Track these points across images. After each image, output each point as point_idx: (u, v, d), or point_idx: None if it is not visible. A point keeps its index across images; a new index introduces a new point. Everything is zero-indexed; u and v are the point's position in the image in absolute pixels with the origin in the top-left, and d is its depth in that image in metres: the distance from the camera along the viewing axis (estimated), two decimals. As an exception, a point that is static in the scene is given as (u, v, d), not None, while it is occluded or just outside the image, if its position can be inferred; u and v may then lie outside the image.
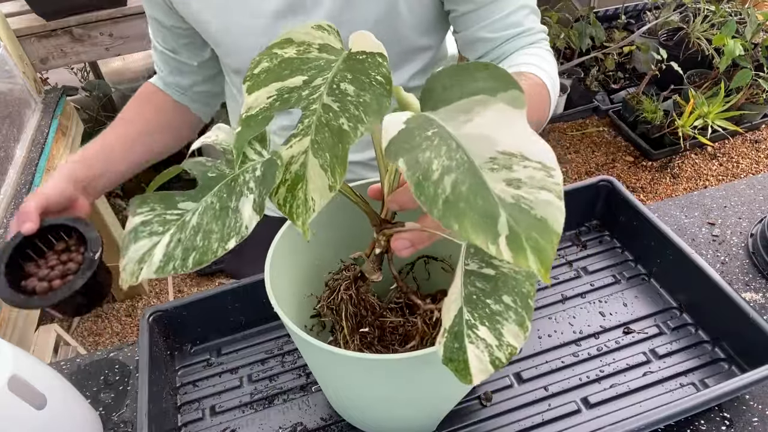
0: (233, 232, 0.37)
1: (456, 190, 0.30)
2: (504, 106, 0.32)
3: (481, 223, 0.29)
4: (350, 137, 0.35)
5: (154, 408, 0.58)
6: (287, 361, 0.67)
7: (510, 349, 0.38)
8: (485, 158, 0.30)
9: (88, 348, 1.76)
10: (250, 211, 0.38)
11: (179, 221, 0.39)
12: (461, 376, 0.38)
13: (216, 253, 0.37)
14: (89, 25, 1.46)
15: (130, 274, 0.38)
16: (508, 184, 0.30)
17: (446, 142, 0.32)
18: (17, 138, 1.25)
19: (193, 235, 0.38)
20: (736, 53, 1.77)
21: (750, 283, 0.70)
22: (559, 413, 0.59)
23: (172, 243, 0.38)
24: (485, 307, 0.39)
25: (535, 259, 0.28)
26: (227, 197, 0.39)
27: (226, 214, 0.38)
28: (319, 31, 0.42)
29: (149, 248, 0.38)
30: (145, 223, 0.39)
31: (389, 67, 0.38)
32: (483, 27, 0.71)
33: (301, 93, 0.38)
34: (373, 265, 0.49)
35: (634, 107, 2.18)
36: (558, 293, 0.70)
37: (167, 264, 0.37)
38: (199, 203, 0.40)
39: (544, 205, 0.29)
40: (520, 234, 0.28)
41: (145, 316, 0.66)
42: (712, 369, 0.61)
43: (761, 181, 0.85)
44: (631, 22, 2.50)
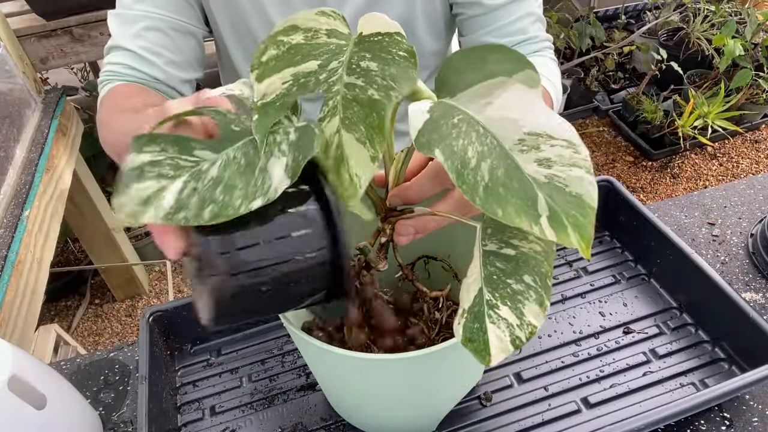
0: (260, 192, 0.34)
1: (493, 175, 0.30)
2: (521, 86, 0.32)
3: (523, 206, 0.29)
4: (384, 104, 0.34)
5: (154, 408, 0.58)
6: (287, 361, 0.67)
7: (530, 328, 0.38)
8: (514, 140, 0.31)
9: (88, 348, 1.77)
10: (281, 173, 0.35)
11: (195, 169, 0.35)
12: (480, 357, 0.37)
13: (238, 210, 0.33)
14: (89, 25, 1.46)
15: (129, 214, 0.33)
16: (539, 164, 0.30)
17: (474, 128, 0.32)
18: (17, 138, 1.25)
19: (212, 186, 0.34)
20: (736, 53, 1.77)
21: (750, 283, 0.70)
22: (559, 413, 0.59)
23: (186, 190, 0.34)
24: (506, 287, 0.39)
25: (577, 236, 0.28)
26: (254, 154, 0.36)
27: (251, 172, 0.35)
28: (324, 17, 0.41)
29: (156, 190, 0.34)
30: (154, 164, 0.35)
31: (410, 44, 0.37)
32: (488, 32, 0.71)
33: (319, 77, 0.37)
34: (378, 254, 0.49)
35: (634, 107, 2.18)
36: (558, 293, 0.70)
37: (178, 211, 0.33)
38: (219, 155, 0.36)
39: (577, 182, 0.29)
40: (560, 212, 0.29)
41: (145, 316, 0.66)
42: (712, 369, 0.61)
43: (761, 181, 0.85)
44: (631, 22, 2.50)
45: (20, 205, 1.10)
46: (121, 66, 0.72)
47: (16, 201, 1.11)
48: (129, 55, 0.72)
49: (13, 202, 1.12)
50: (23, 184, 1.15)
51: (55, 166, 1.28)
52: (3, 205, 1.10)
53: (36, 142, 1.27)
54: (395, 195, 0.45)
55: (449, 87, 0.36)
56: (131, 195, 0.34)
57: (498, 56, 0.34)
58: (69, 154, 1.38)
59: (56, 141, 1.32)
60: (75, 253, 1.96)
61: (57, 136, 1.34)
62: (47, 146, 1.27)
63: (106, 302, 1.93)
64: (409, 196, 0.44)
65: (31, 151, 1.24)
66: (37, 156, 1.23)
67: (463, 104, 0.34)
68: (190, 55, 0.76)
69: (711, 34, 2.02)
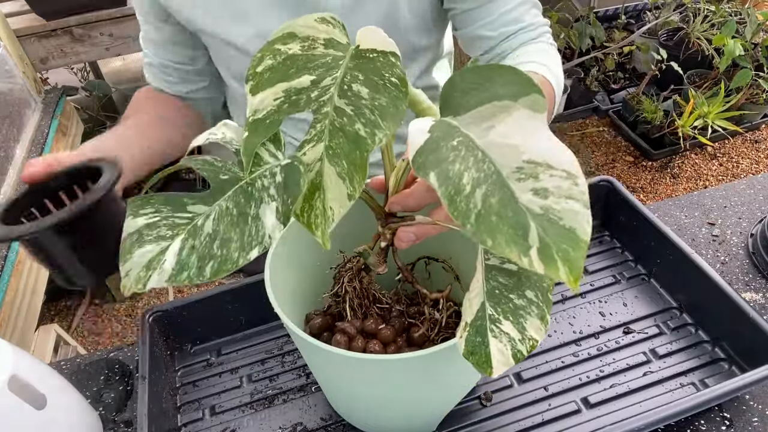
0: (254, 242, 0.35)
1: (486, 203, 0.30)
2: (526, 112, 0.32)
3: (513, 236, 0.29)
4: (368, 144, 0.34)
5: (154, 408, 0.58)
6: (287, 361, 0.67)
7: (532, 342, 0.38)
8: (512, 168, 0.30)
9: (88, 348, 1.76)
10: (273, 220, 0.35)
11: (190, 226, 0.36)
12: (482, 369, 0.38)
13: (237, 263, 0.34)
14: (89, 25, 1.46)
15: (135, 280, 0.35)
16: (535, 193, 0.30)
17: (473, 153, 0.31)
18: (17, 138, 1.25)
19: (209, 242, 0.35)
20: (736, 53, 1.77)
21: (750, 283, 0.70)
22: (559, 413, 0.59)
23: (185, 250, 0.35)
24: (509, 302, 0.39)
25: (566, 270, 0.28)
26: (245, 203, 0.36)
27: (245, 222, 0.35)
28: (323, 24, 0.40)
29: (157, 254, 0.35)
30: (151, 226, 0.36)
31: (403, 68, 0.37)
32: (483, 25, 0.71)
33: (310, 95, 0.37)
34: (378, 258, 0.49)
35: (634, 107, 2.18)
36: (558, 293, 0.70)
37: (180, 272, 0.35)
38: (212, 207, 0.36)
39: (571, 215, 0.29)
40: (551, 245, 0.28)
41: (145, 316, 0.66)
42: (712, 369, 0.61)
43: (761, 181, 0.85)
44: (631, 22, 2.50)
45: (20, 205, 1.10)
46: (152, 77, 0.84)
47: (16, 201, 1.11)
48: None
49: (13, 202, 1.11)
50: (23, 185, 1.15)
51: (55, 166, 1.28)
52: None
53: (36, 142, 1.27)
54: (395, 202, 0.45)
55: (453, 106, 0.35)
56: (135, 261, 0.35)
57: (505, 78, 0.33)
58: (69, 154, 1.38)
59: (56, 141, 1.32)
60: (75, 253, 1.95)
61: (57, 136, 1.34)
62: (47, 146, 1.27)
63: (106, 302, 1.93)
64: (409, 204, 0.44)
65: (31, 151, 1.24)
66: (37, 156, 1.23)
67: (465, 126, 0.33)
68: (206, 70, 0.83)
69: (711, 34, 2.02)
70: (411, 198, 0.44)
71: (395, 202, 0.45)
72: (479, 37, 0.72)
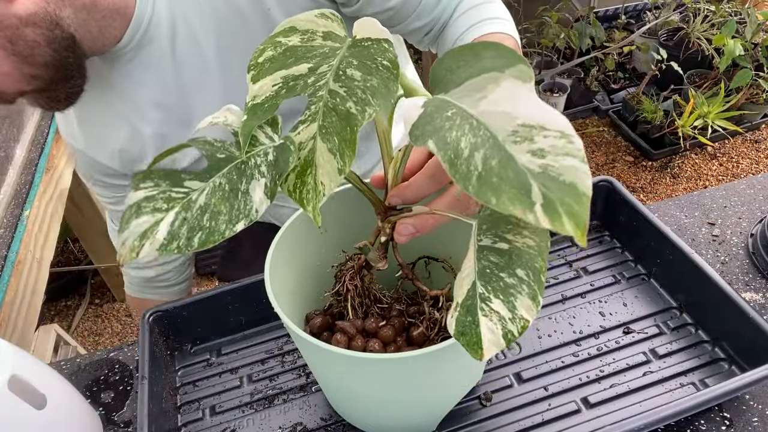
0: (242, 215, 0.37)
1: (487, 165, 0.30)
2: (514, 80, 0.33)
3: (516, 194, 0.29)
4: (357, 119, 0.35)
5: (154, 408, 0.58)
6: (287, 361, 0.67)
7: (523, 322, 0.38)
8: (507, 132, 0.31)
9: (88, 348, 1.77)
10: (261, 195, 0.37)
11: (185, 200, 0.38)
12: (473, 351, 0.38)
13: (223, 234, 0.36)
14: (89, 25, 1.45)
15: (129, 249, 0.37)
16: (533, 154, 0.30)
17: (467, 121, 0.32)
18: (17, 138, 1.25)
19: (200, 214, 0.37)
20: (736, 53, 1.77)
21: (750, 283, 0.70)
22: (559, 413, 0.59)
23: (177, 221, 0.37)
24: (499, 281, 0.39)
25: (571, 223, 0.28)
26: (237, 179, 0.38)
27: (235, 197, 0.38)
28: (322, 19, 0.42)
29: (152, 224, 0.37)
30: (149, 199, 0.38)
31: (395, 52, 0.38)
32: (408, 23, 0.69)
33: (307, 80, 0.38)
34: (378, 253, 0.49)
35: (634, 107, 2.18)
36: (558, 293, 0.70)
37: (171, 242, 0.37)
38: (206, 183, 0.39)
39: (570, 171, 0.29)
40: (554, 200, 0.29)
41: (145, 316, 0.66)
42: (712, 369, 0.61)
43: (761, 181, 0.85)
44: (631, 22, 2.50)
45: (20, 205, 1.10)
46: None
47: (16, 201, 1.11)
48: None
49: (13, 202, 1.11)
50: (23, 184, 1.15)
51: (55, 166, 1.28)
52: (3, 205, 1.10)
53: (36, 142, 1.27)
54: (394, 195, 0.45)
55: (443, 84, 0.36)
56: (131, 230, 0.37)
57: (491, 53, 0.35)
58: (69, 154, 1.38)
59: (56, 141, 1.32)
60: (75, 253, 1.96)
61: (57, 136, 1.34)
62: (47, 146, 1.27)
63: (106, 302, 1.93)
64: (408, 195, 0.44)
65: (31, 151, 1.24)
66: (37, 156, 1.23)
67: (456, 99, 0.34)
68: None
69: (711, 34, 2.02)
70: (409, 189, 0.44)
71: (394, 194, 0.45)
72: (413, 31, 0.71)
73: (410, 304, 0.56)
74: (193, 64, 0.66)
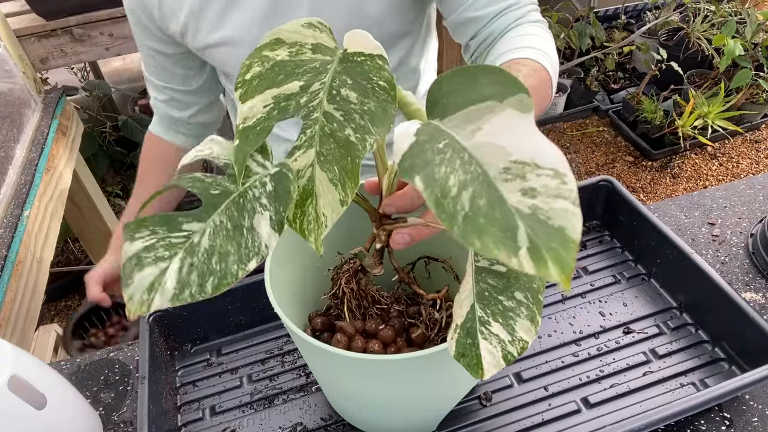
0: (252, 253, 0.35)
1: (474, 205, 0.29)
2: (512, 112, 0.32)
3: (502, 237, 0.29)
4: (358, 149, 0.34)
5: (154, 408, 0.58)
6: (287, 361, 0.67)
7: (522, 344, 0.38)
8: (499, 168, 0.30)
9: (88, 348, 1.76)
10: (268, 229, 0.36)
11: (186, 244, 0.36)
12: (473, 371, 0.38)
13: (236, 276, 0.35)
14: (89, 25, 1.46)
15: (138, 304, 0.35)
16: (523, 194, 0.29)
17: (459, 155, 0.31)
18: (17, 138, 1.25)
19: (207, 258, 0.35)
20: (736, 53, 1.77)
21: (750, 283, 0.70)
22: (559, 413, 0.59)
23: (185, 268, 0.35)
24: (498, 304, 0.39)
25: (557, 269, 0.28)
26: (238, 215, 0.36)
27: (240, 234, 0.36)
28: (310, 30, 0.40)
29: (157, 275, 0.35)
30: (148, 248, 0.36)
31: (391, 71, 0.37)
32: (469, 6, 0.70)
33: (299, 100, 0.37)
34: (373, 259, 0.49)
35: (634, 107, 2.18)
36: (558, 293, 0.70)
37: (182, 291, 0.35)
38: (206, 223, 0.36)
39: (560, 214, 0.28)
40: (540, 245, 0.28)
41: (145, 316, 0.66)
42: (712, 369, 0.61)
43: (761, 181, 0.85)
44: (631, 22, 2.50)
45: (20, 205, 1.10)
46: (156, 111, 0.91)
47: (16, 201, 1.11)
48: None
49: (13, 202, 1.11)
50: (23, 184, 1.15)
51: (55, 166, 1.28)
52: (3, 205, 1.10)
53: (36, 142, 1.27)
54: (388, 204, 0.45)
55: (440, 108, 0.35)
56: (136, 284, 0.35)
57: (490, 78, 0.33)
58: (69, 154, 1.38)
59: (56, 141, 1.32)
60: (75, 253, 1.96)
61: (57, 136, 1.34)
62: (47, 146, 1.27)
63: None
64: (402, 205, 0.44)
65: (31, 151, 1.24)
66: (37, 156, 1.23)
67: (451, 128, 0.33)
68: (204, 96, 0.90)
69: (711, 34, 2.02)
70: (403, 199, 0.44)
71: (388, 203, 0.45)
72: (468, 20, 0.71)
73: (409, 305, 0.56)
74: None
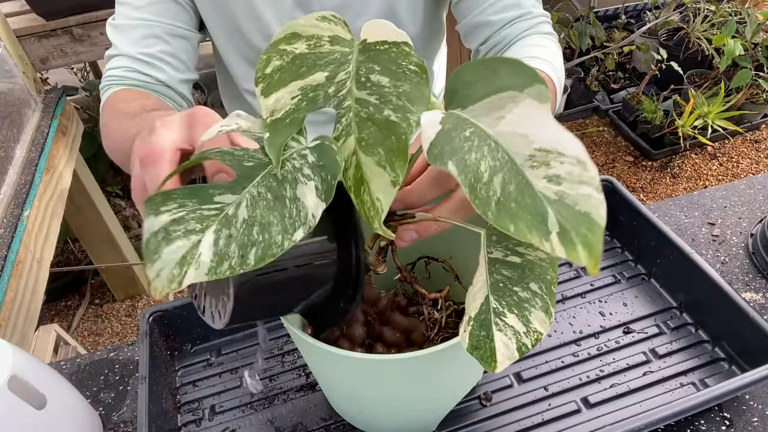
0: (298, 223, 0.34)
1: (505, 190, 0.30)
2: (532, 102, 0.32)
3: (534, 221, 0.29)
4: (402, 128, 0.34)
5: (154, 408, 0.58)
6: (287, 361, 0.67)
7: (536, 335, 0.38)
8: (524, 156, 0.31)
9: (88, 348, 1.77)
10: (314, 198, 0.35)
11: (221, 216, 0.34)
12: (486, 364, 0.38)
13: (282, 246, 0.33)
14: (89, 25, 1.46)
15: (168, 280, 0.32)
16: (548, 180, 0.30)
17: (486, 142, 0.32)
18: (17, 138, 1.25)
19: (247, 229, 0.33)
20: (736, 53, 1.77)
21: (750, 283, 0.70)
22: (559, 413, 0.59)
23: (222, 239, 0.33)
24: (513, 295, 0.39)
25: (585, 253, 0.28)
26: (278, 186, 0.35)
27: (283, 204, 0.34)
28: (325, 23, 0.41)
29: (190, 248, 0.33)
30: (177, 221, 0.33)
31: (419, 57, 0.37)
32: (482, 11, 0.71)
33: (327, 90, 0.37)
34: (377, 257, 0.49)
35: (634, 107, 2.18)
36: (558, 293, 0.70)
37: (221, 263, 0.32)
38: (241, 195, 0.34)
39: (586, 200, 0.29)
40: (570, 230, 0.29)
41: (145, 316, 0.66)
42: (712, 369, 0.61)
43: (761, 181, 0.85)
44: (631, 22, 2.50)
45: (20, 205, 1.10)
46: (123, 69, 0.73)
47: (16, 201, 1.11)
48: (129, 59, 0.73)
49: (13, 202, 1.12)
50: (23, 184, 1.15)
51: (55, 166, 1.28)
52: (3, 205, 1.10)
53: (36, 142, 1.27)
54: (397, 200, 0.45)
55: (459, 98, 0.35)
56: (165, 259, 0.32)
57: (508, 69, 0.34)
58: (69, 154, 1.38)
59: (56, 141, 1.32)
60: (75, 253, 1.96)
61: (57, 136, 1.34)
62: (47, 146, 1.27)
63: (106, 302, 1.93)
64: (411, 200, 0.44)
65: (31, 151, 1.24)
66: (37, 156, 1.23)
67: (475, 117, 0.34)
68: (186, 58, 0.78)
69: (711, 34, 2.02)
70: (413, 194, 0.44)
71: (397, 199, 0.44)
72: (480, 24, 0.72)
73: (410, 306, 0.56)
74: None
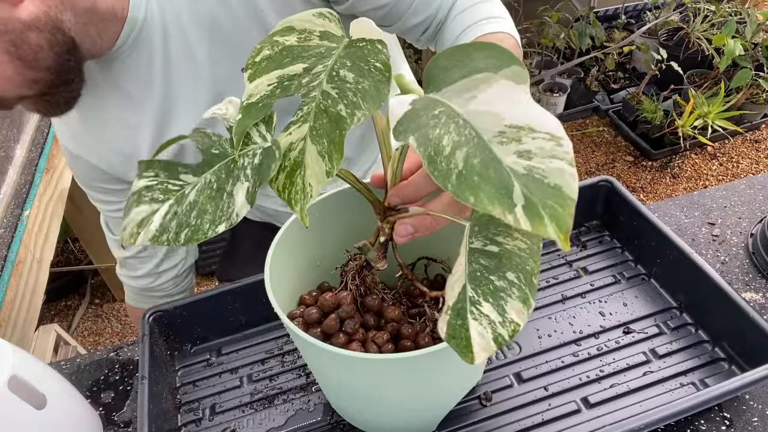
0: (224, 217, 0.38)
1: (468, 163, 0.30)
2: (507, 82, 0.33)
3: (496, 194, 0.29)
4: (347, 122, 0.36)
5: (154, 408, 0.58)
6: (287, 361, 0.67)
7: (513, 326, 0.37)
8: (494, 132, 0.31)
9: (88, 348, 1.77)
10: (242, 198, 0.38)
11: (179, 193, 0.39)
12: (463, 354, 0.37)
13: (206, 234, 0.38)
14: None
15: (129, 235, 0.39)
16: (518, 155, 0.30)
17: (453, 120, 0.32)
18: (17, 138, 1.25)
19: (189, 210, 0.39)
20: (736, 53, 1.77)
21: (750, 283, 0.70)
22: (559, 413, 0.59)
23: (169, 215, 0.39)
24: (489, 284, 0.39)
25: (554, 226, 0.28)
26: (225, 179, 0.39)
27: (220, 197, 0.39)
28: (320, 19, 0.42)
29: (148, 214, 0.39)
30: (149, 188, 0.40)
31: (388, 54, 0.38)
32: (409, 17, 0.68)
33: (301, 80, 0.39)
34: (377, 253, 0.49)
35: (634, 107, 2.18)
36: (558, 293, 0.70)
37: (161, 234, 0.38)
38: (199, 178, 0.40)
39: (556, 173, 0.29)
40: (536, 203, 0.29)
41: (145, 316, 0.66)
42: (712, 369, 0.61)
43: (761, 181, 0.85)
44: (631, 22, 2.50)
45: (20, 205, 1.10)
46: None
47: (16, 201, 1.11)
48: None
49: (13, 202, 1.11)
50: (23, 184, 1.15)
51: (55, 166, 1.28)
52: (3, 205, 1.10)
53: (36, 142, 1.27)
54: (393, 194, 0.45)
55: (436, 83, 0.36)
56: (131, 217, 0.39)
57: (485, 53, 0.35)
58: (69, 154, 1.38)
59: (56, 141, 1.32)
60: (75, 253, 1.96)
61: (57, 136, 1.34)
62: (47, 146, 1.27)
63: (106, 302, 1.93)
64: (407, 194, 0.44)
65: (31, 151, 1.24)
66: (37, 156, 1.23)
67: (446, 98, 0.34)
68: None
69: (711, 34, 2.02)
70: (408, 188, 0.44)
71: (393, 193, 0.45)
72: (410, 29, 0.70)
73: (410, 306, 0.56)
74: (184, 62, 0.66)
